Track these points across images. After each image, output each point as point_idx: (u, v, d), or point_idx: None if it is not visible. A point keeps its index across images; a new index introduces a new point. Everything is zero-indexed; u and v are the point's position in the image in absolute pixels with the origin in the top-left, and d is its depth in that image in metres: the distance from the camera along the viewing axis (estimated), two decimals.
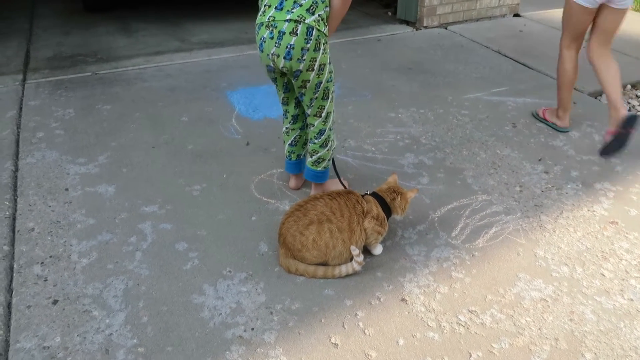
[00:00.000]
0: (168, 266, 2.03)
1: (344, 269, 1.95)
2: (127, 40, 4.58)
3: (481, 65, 4.03)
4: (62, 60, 4.11)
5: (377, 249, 2.08)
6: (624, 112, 2.71)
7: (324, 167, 2.31)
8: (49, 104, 3.33)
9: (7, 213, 2.30)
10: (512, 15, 4.63)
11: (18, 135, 2.95)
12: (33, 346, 1.69)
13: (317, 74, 2.04)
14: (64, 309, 1.82)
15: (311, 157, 2.29)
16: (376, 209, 2.01)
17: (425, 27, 4.92)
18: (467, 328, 1.77)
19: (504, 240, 2.18)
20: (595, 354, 1.68)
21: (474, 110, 3.31)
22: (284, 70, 2.04)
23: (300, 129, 2.34)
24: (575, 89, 3.60)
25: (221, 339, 1.72)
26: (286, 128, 2.35)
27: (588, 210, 2.37)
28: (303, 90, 2.10)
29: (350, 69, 3.94)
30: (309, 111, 2.18)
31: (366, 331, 1.76)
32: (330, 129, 2.24)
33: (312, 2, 1.94)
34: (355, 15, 5.39)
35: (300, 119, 2.32)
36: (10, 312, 1.82)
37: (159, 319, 1.79)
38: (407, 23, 5.04)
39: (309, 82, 2.05)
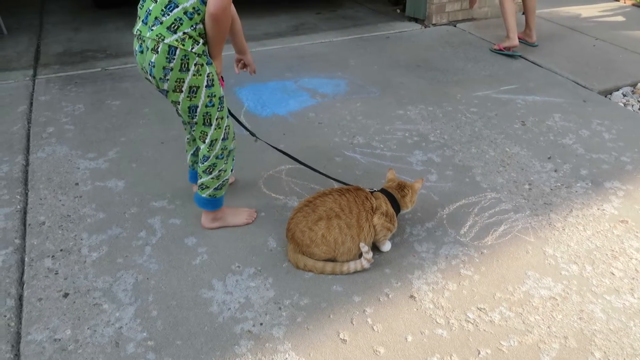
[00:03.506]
0: (177, 261, 2.04)
1: (353, 265, 1.95)
2: None
3: (490, 62, 4.01)
4: (72, 56, 4.13)
5: (386, 246, 2.08)
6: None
7: (209, 195, 2.09)
8: (59, 99, 3.35)
9: (19, 207, 2.32)
10: (522, 13, 4.62)
11: (29, 130, 2.98)
12: (44, 338, 1.70)
13: (187, 97, 1.85)
14: (74, 302, 1.84)
15: (198, 180, 2.10)
16: (385, 205, 2.01)
17: (434, 25, 4.91)
18: (476, 325, 1.77)
19: (513, 238, 2.18)
20: (605, 352, 1.68)
21: (483, 107, 3.30)
22: (155, 85, 1.89)
23: None
24: (584, 87, 3.59)
25: (230, 333, 1.73)
26: (187, 138, 2.26)
27: (598, 209, 2.36)
28: (178, 112, 1.96)
29: (358, 66, 3.93)
30: (193, 133, 2.01)
31: (375, 327, 1.76)
32: (217, 158, 2.01)
33: (175, 19, 1.73)
34: (363, 12, 5.39)
35: None
36: (21, 305, 1.83)
37: (168, 313, 1.80)
38: (416, 20, 5.02)
39: (179, 104, 1.88)
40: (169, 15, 1.74)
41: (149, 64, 1.80)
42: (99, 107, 3.25)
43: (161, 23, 1.74)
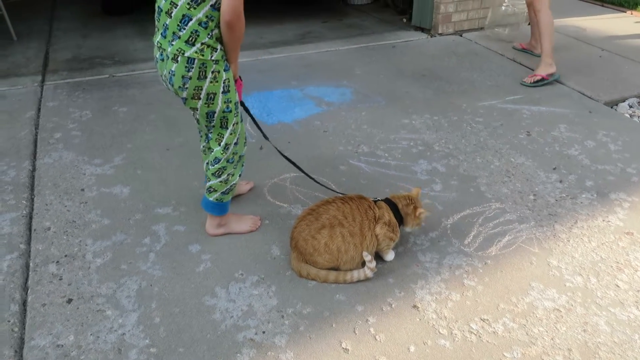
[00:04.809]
0: (181, 268, 2.04)
1: (356, 274, 1.95)
2: (144, 44, 4.63)
3: (496, 72, 4.02)
4: (81, 62, 4.17)
5: (389, 255, 2.08)
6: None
7: (216, 200, 2.11)
8: (66, 105, 3.38)
9: (24, 212, 2.34)
10: (527, 23, 4.63)
11: (36, 135, 3.00)
12: (47, 344, 1.71)
13: (205, 103, 1.89)
14: (78, 308, 1.85)
15: (206, 183, 2.13)
16: (388, 215, 2.01)
17: (440, 34, 4.92)
18: (479, 336, 1.76)
19: (517, 249, 2.17)
20: None
21: (489, 117, 3.30)
22: (174, 92, 1.93)
23: None
24: (590, 98, 3.58)
25: (232, 341, 1.73)
26: (203, 147, 2.26)
27: (603, 220, 2.35)
28: (196, 117, 2.01)
29: (364, 75, 3.95)
30: (209, 135, 2.04)
31: (377, 337, 1.76)
32: (228, 162, 2.05)
33: (191, 32, 1.77)
34: (369, 22, 5.41)
35: None
36: (25, 310, 1.84)
37: (171, 320, 1.81)
38: (422, 30, 5.04)
39: (197, 110, 1.93)
40: (185, 29, 1.78)
41: (169, 72, 1.85)
42: (106, 114, 3.27)
43: (179, 37, 1.79)
